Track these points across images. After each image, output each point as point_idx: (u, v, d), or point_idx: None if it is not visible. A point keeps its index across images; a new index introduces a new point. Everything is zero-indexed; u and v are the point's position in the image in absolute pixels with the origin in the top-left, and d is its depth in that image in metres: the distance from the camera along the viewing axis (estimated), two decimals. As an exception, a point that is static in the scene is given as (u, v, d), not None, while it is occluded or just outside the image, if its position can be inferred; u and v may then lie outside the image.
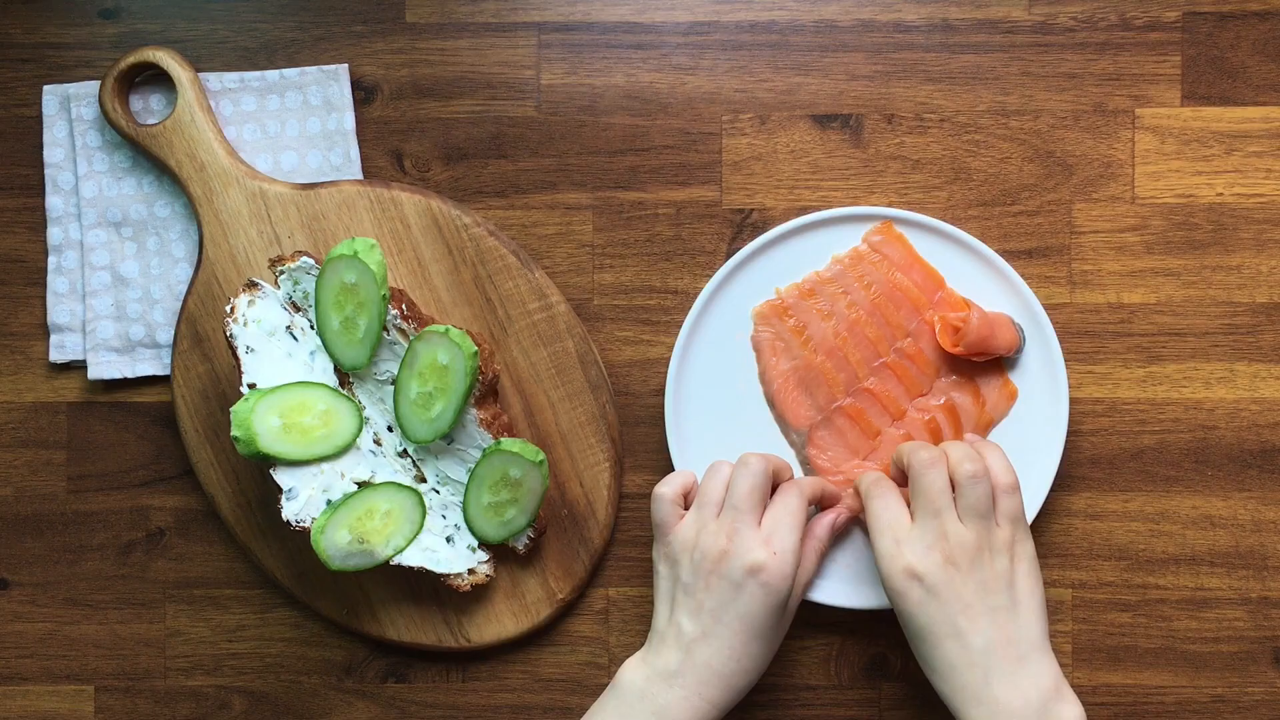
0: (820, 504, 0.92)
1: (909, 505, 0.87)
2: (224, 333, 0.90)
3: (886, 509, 0.87)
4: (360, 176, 0.97)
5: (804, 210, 0.96)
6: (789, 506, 0.88)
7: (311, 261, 0.90)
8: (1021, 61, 0.96)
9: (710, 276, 0.95)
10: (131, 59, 0.95)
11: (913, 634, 0.86)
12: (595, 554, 0.96)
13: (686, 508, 0.90)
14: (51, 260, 0.97)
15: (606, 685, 0.90)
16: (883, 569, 0.86)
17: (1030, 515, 0.93)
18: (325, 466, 0.90)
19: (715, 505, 0.88)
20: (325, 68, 0.96)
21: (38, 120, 0.98)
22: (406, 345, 0.90)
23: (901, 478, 0.90)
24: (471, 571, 0.94)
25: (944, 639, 0.84)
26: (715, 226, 0.96)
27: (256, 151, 0.97)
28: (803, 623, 0.96)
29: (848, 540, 0.94)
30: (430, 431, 0.91)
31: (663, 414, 0.95)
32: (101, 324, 0.97)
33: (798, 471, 0.95)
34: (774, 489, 0.90)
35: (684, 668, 0.86)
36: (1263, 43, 0.95)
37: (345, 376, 0.93)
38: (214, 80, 0.96)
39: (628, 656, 0.90)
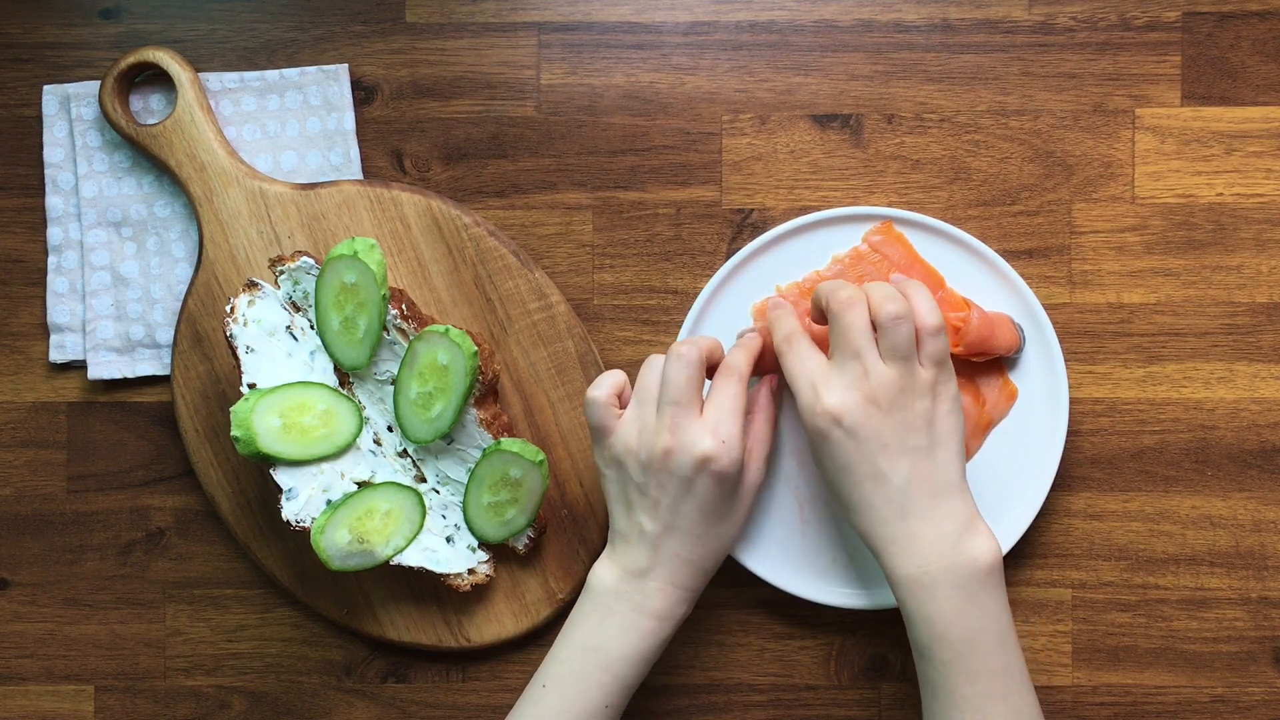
0: (756, 369, 0.91)
1: (825, 354, 0.86)
2: (224, 333, 0.90)
3: (801, 360, 0.86)
4: (360, 176, 0.97)
5: (804, 210, 0.96)
6: (728, 392, 0.87)
7: (311, 261, 0.90)
8: (1021, 61, 0.96)
9: (710, 276, 0.95)
10: (131, 59, 0.95)
11: (831, 472, 0.86)
12: (595, 554, 0.96)
13: (623, 407, 0.89)
14: (51, 260, 0.97)
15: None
16: (804, 417, 0.85)
17: (1030, 515, 0.93)
18: (325, 466, 0.90)
19: (653, 401, 0.87)
20: (325, 68, 0.96)
21: (38, 120, 0.98)
22: (406, 345, 0.90)
23: (821, 318, 0.88)
24: (471, 571, 0.94)
25: (864, 479, 0.84)
26: (715, 226, 0.96)
27: (256, 151, 0.97)
28: (803, 622, 0.96)
29: (846, 542, 0.94)
30: (430, 431, 0.91)
31: (663, 414, 0.95)
32: (101, 324, 0.97)
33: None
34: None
35: (653, 562, 0.87)
36: (1263, 43, 0.95)
37: (345, 376, 0.93)
38: (214, 80, 0.96)
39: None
